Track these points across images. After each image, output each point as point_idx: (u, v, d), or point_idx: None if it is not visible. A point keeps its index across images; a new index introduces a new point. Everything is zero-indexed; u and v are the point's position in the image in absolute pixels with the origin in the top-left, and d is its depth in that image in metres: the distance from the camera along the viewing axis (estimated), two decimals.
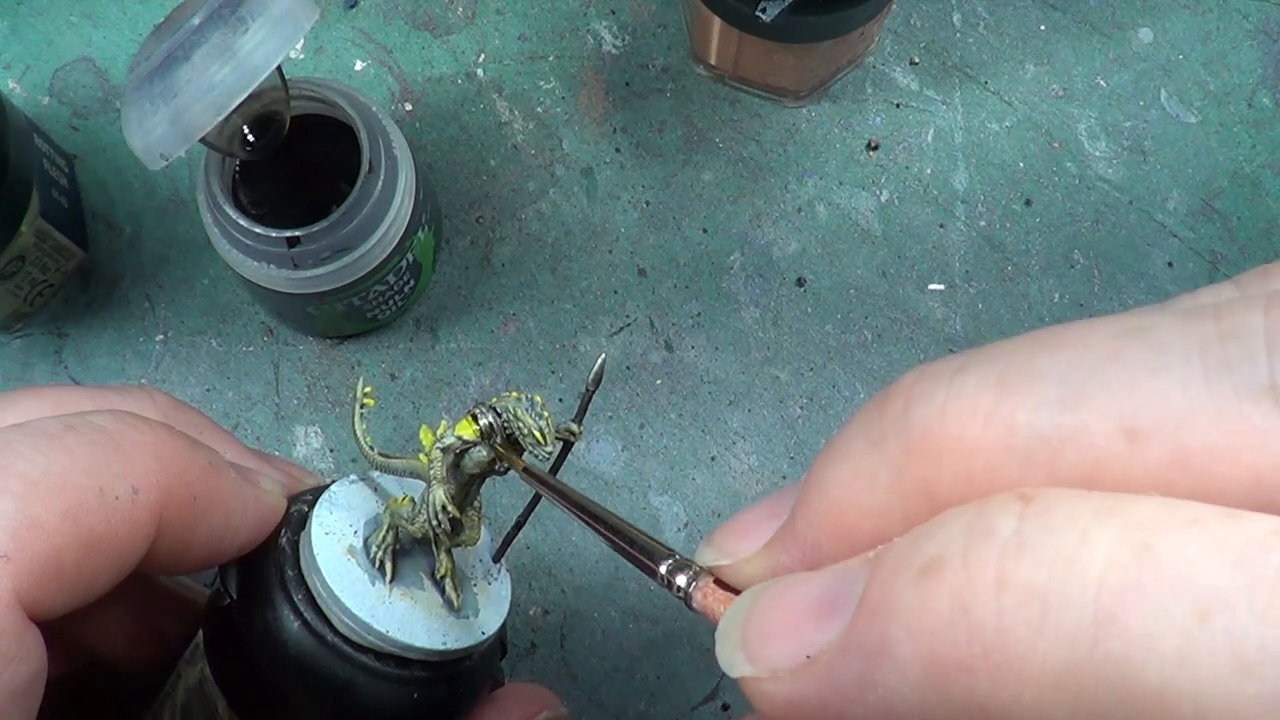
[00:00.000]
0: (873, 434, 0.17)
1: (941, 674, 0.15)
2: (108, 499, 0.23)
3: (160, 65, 0.32)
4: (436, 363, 0.45)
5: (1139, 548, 0.14)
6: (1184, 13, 0.49)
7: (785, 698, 0.17)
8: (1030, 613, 0.14)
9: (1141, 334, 0.16)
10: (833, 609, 0.17)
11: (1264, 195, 0.47)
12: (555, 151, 0.47)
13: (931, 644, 0.15)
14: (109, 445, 0.24)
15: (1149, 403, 0.15)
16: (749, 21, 0.40)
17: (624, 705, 0.43)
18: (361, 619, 0.26)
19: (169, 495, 0.25)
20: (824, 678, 0.16)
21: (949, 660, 0.15)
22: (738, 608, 0.18)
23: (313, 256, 0.38)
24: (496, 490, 0.44)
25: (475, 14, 0.48)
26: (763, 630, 0.18)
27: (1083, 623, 0.14)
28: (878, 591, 0.16)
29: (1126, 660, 0.14)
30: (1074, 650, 0.14)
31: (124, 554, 0.24)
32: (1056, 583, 0.14)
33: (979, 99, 0.48)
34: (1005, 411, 0.16)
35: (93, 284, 0.45)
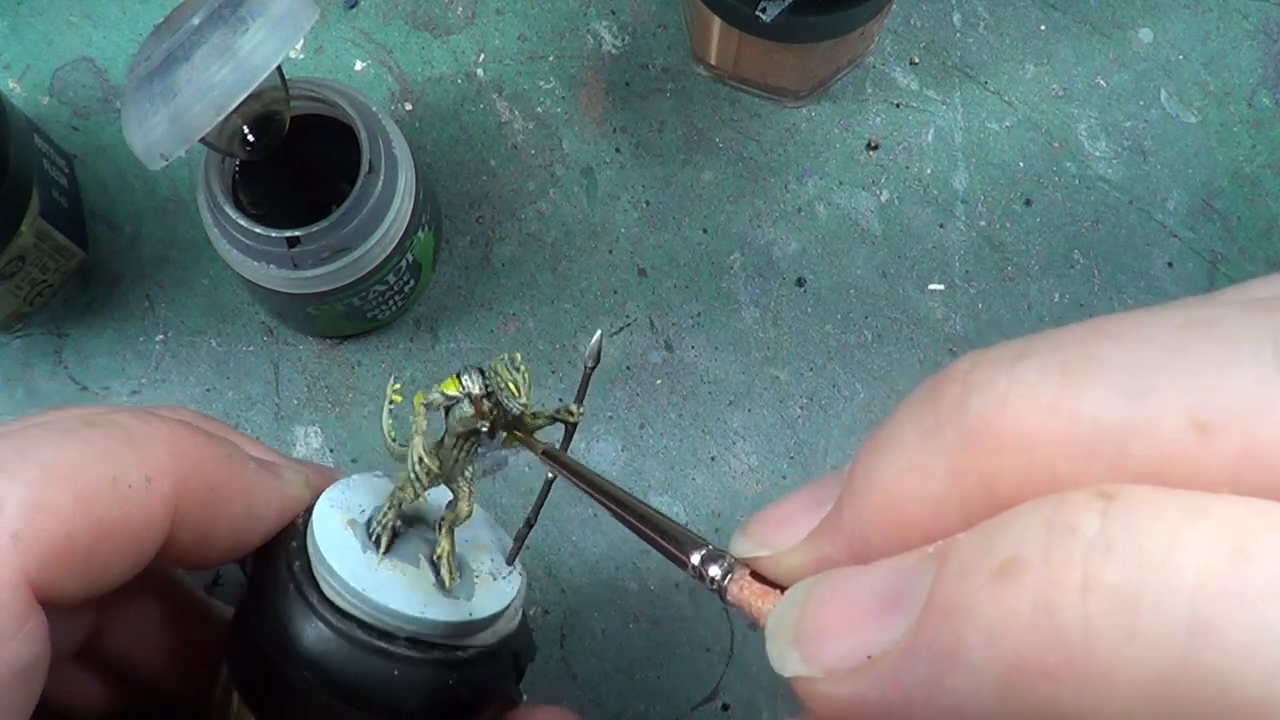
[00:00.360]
0: (927, 423, 0.17)
1: (1021, 680, 0.14)
2: (121, 487, 0.24)
3: (160, 65, 0.32)
4: (436, 363, 0.45)
5: (1234, 552, 0.13)
6: (1184, 13, 0.49)
7: (844, 699, 0.16)
8: (1120, 618, 0.14)
9: (1208, 325, 0.15)
10: (895, 606, 0.16)
11: (1264, 195, 0.47)
12: (555, 151, 0.47)
13: (1011, 648, 0.14)
14: (124, 437, 0.25)
15: (1219, 396, 0.15)
16: (749, 21, 0.40)
17: (624, 705, 0.43)
18: (342, 578, 0.27)
19: (184, 485, 0.25)
20: (889, 679, 0.16)
21: (1030, 666, 0.14)
22: (790, 602, 0.17)
23: (313, 256, 0.38)
24: (496, 490, 0.44)
25: (475, 14, 0.48)
26: (819, 627, 0.17)
27: (1176, 630, 0.13)
28: (948, 590, 0.15)
29: (1224, 671, 0.13)
30: (1167, 658, 0.13)
31: (138, 542, 0.24)
32: (1148, 587, 0.14)
33: (979, 99, 0.48)
34: (1069, 402, 0.15)
35: (93, 284, 0.45)
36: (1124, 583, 0.14)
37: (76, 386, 0.45)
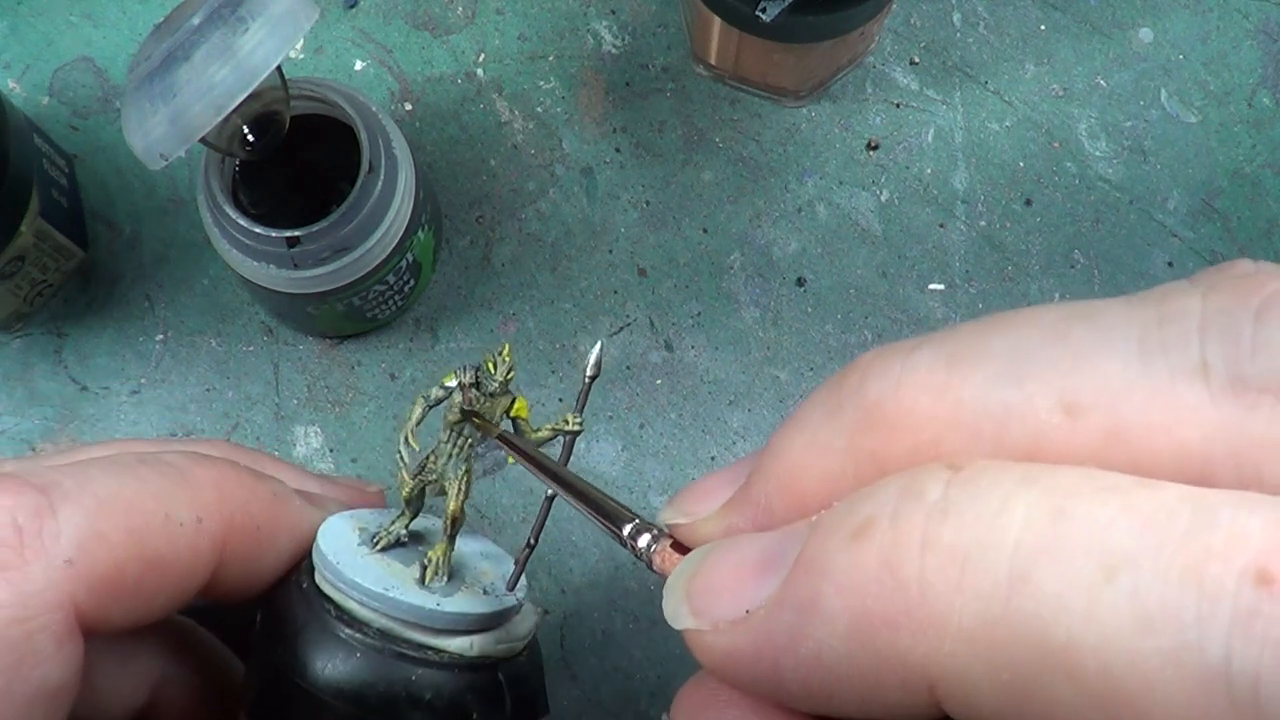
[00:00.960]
0: (830, 405, 0.18)
1: (867, 628, 0.16)
2: (172, 524, 0.25)
3: (160, 65, 0.32)
4: (436, 363, 0.45)
5: (1054, 512, 0.15)
6: (1184, 12, 0.49)
7: (724, 649, 0.18)
8: (951, 572, 0.15)
9: (1087, 317, 0.17)
10: (772, 567, 0.17)
11: (1264, 195, 0.47)
12: (555, 151, 0.47)
13: (859, 600, 0.16)
14: (177, 477, 0.26)
15: (1088, 380, 0.16)
16: (749, 21, 0.40)
17: (624, 705, 0.43)
18: (327, 556, 0.27)
19: (231, 525, 0.26)
20: (759, 630, 0.17)
21: (874, 615, 0.16)
22: (686, 564, 0.19)
23: (313, 256, 0.38)
24: (496, 490, 0.44)
25: (475, 14, 0.48)
26: (707, 586, 0.18)
27: (998, 581, 0.15)
28: (812, 551, 0.17)
29: (1037, 617, 0.14)
30: (989, 607, 0.15)
31: (184, 578, 0.26)
32: (976, 544, 0.15)
33: (979, 99, 0.48)
34: (954, 387, 0.17)
35: (93, 284, 0.45)
36: (957, 541, 0.15)
37: (76, 386, 0.45)
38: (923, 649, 0.15)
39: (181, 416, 0.44)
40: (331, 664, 0.26)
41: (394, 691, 0.26)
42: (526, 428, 0.29)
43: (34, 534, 0.23)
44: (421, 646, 0.27)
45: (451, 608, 0.27)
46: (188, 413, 0.44)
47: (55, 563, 0.23)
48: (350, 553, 0.28)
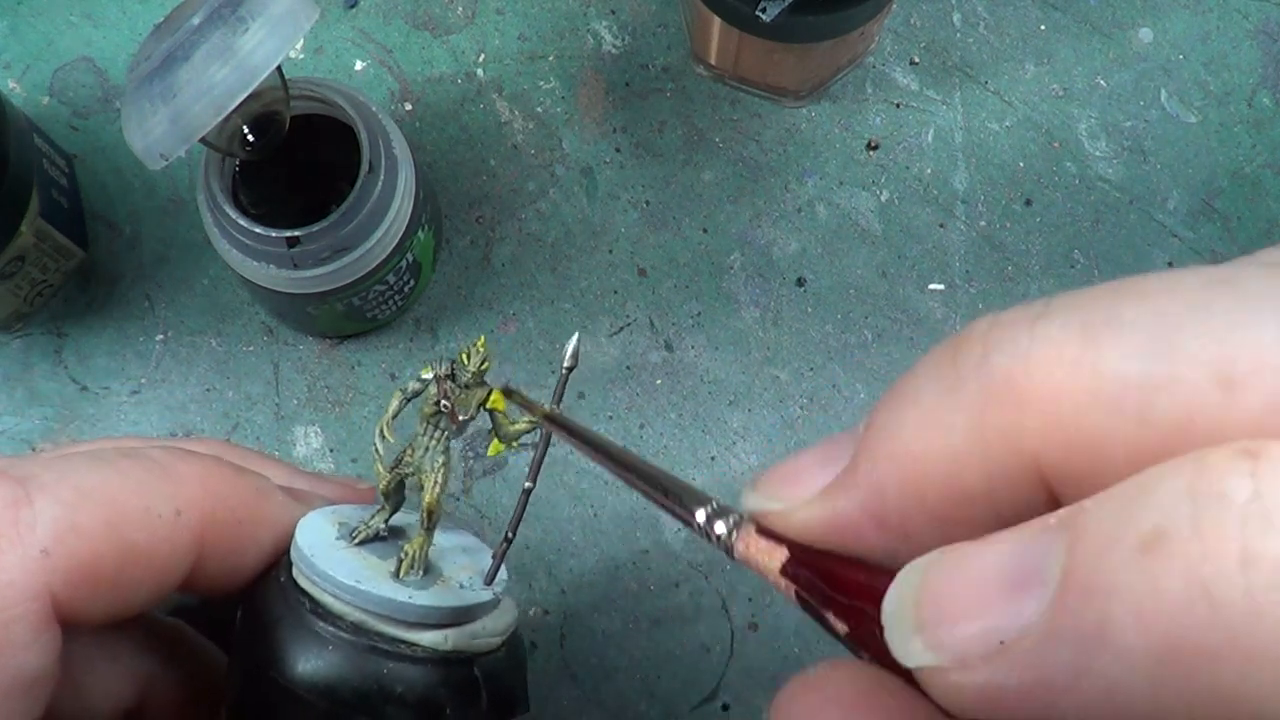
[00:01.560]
0: (947, 380, 0.17)
1: (1179, 663, 0.13)
2: (151, 516, 0.25)
3: (160, 65, 0.32)
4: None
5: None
6: (1184, 12, 0.49)
7: (979, 689, 0.15)
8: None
9: (1230, 285, 0.15)
10: (1026, 584, 0.15)
11: (1264, 195, 0.47)
12: (555, 151, 0.47)
13: (1166, 630, 0.13)
14: (158, 470, 0.26)
15: (1243, 351, 0.14)
16: (749, 21, 0.40)
17: (624, 705, 0.43)
18: (302, 550, 0.27)
19: (212, 519, 0.26)
20: (1028, 666, 0.15)
21: (1188, 648, 0.13)
22: (905, 585, 0.16)
23: (313, 256, 0.38)
24: (496, 490, 0.44)
25: (475, 14, 0.48)
26: (944, 611, 0.16)
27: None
28: (1087, 565, 0.14)
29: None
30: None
31: (164, 570, 0.25)
32: None
33: (979, 99, 0.48)
34: (1092, 358, 0.15)
35: (93, 284, 0.45)
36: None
37: (76, 386, 0.45)
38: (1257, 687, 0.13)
39: (181, 416, 0.44)
40: (305, 657, 0.26)
41: (366, 685, 0.26)
42: (503, 420, 0.28)
43: (10, 524, 0.23)
44: (394, 640, 0.26)
45: (424, 601, 0.27)
46: (188, 413, 0.44)
47: (31, 553, 0.23)
48: (328, 546, 0.28)
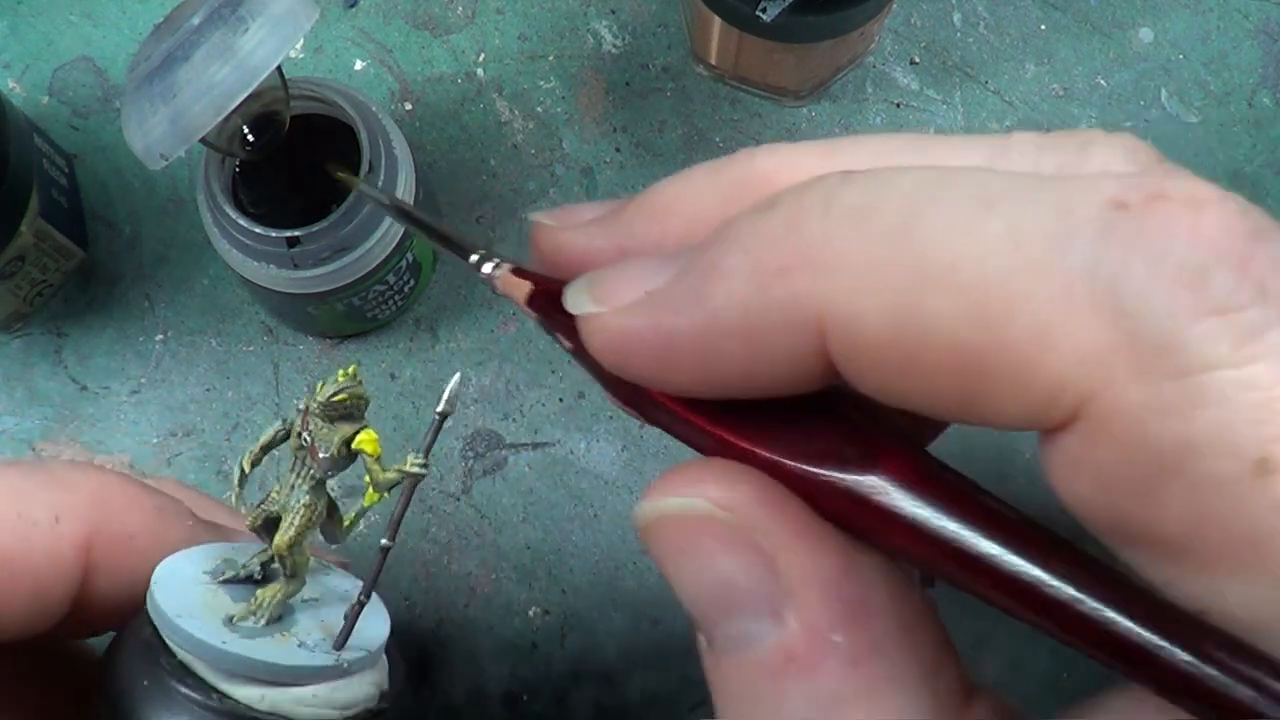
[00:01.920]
0: (714, 168, 0.21)
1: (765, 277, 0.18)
2: (24, 522, 0.23)
3: (160, 65, 0.32)
4: (436, 363, 0.45)
5: (938, 174, 0.17)
6: (1184, 12, 0.49)
7: (619, 326, 0.19)
8: (850, 222, 0.17)
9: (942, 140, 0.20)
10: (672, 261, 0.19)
11: (1264, 195, 0.47)
12: (555, 151, 0.47)
13: (760, 255, 0.18)
14: (40, 478, 0.25)
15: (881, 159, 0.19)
16: (749, 21, 0.40)
17: (624, 705, 0.43)
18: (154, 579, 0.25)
19: (98, 529, 0.25)
20: (657, 302, 0.19)
21: (774, 265, 0.18)
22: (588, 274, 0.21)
23: (313, 256, 0.38)
24: (495, 490, 0.44)
25: (475, 14, 0.48)
26: (614, 281, 0.20)
27: (891, 223, 0.17)
28: (719, 230, 0.19)
29: (924, 244, 0.17)
30: (882, 243, 0.17)
31: (40, 582, 0.24)
32: (873, 199, 0.17)
33: (979, 99, 0.48)
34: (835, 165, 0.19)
35: (92, 284, 0.45)
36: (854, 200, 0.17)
37: (76, 386, 0.45)
38: (817, 286, 0.17)
39: (181, 416, 0.44)
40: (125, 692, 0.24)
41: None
42: (373, 465, 0.25)
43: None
44: (208, 687, 0.24)
45: (237, 649, 0.24)
46: (188, 413, 0.44)
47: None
48: (185, 580, 0.25)
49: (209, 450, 0.44)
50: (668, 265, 0.19)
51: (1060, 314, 0.16)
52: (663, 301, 0.19)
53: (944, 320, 0.16)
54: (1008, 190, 0.17)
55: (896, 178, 0.17)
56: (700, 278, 0.18)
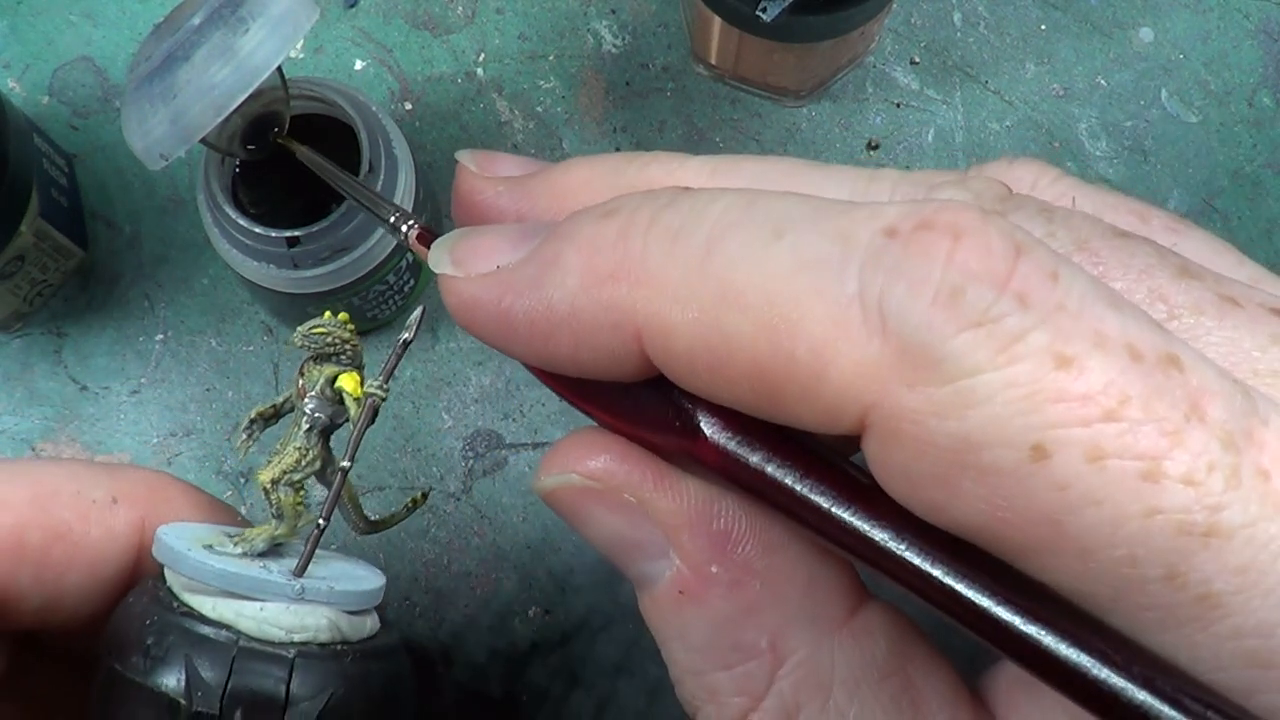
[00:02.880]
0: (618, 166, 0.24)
1: (595, 279, 0.20)
2: (83, 499, 0.25)
3: (160, 65, 0.32)
4: (436, 363, 0.45)
5: (746, 202, 0.19)
6: (1185, 12, 0.49)
7: (470, 292, 0.22)
8: (665, 242, 0.19)
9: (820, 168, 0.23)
10: (528, 239, 0.22)
11: (1265, 195, 0.47)
12: (555, 151, 0.47)
13: (593, 259, 0.20)
14: (98, 466, 0.26)
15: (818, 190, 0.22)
16: (749, 21, 0.40)
17: (624, 705, 0.43)
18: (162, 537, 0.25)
19: (152, 514, 0.26)
20: (504, 279, 0.21)
21: (603, 270, 0.20)
22: (458, 231, 0.23)
23: (313, 256, 0.38)
24: (496, 489, 0.44)
25: (475, 13, 0.48)
26: (471, 245, 0.22)
27: (697, 246, 0.19)
28: (565, 224, 0.21)
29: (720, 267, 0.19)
30: (689, 264, 0.19)
31: (98, 556, 0.25)
32: (687, 223, 0.19)
33: (979, 98, 0.48)
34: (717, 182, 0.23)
35: (92, 284, 0.45)
36: (673, 222, 0.19)
37: (76, 386, 0.45)
38: (635, 297, 0.19)
39: (181, 416, 0.44)
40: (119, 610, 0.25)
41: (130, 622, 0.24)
42: (350, 403, 0.27)
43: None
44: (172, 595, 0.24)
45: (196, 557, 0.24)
46: (187, 412, 0.44)
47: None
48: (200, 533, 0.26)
49: (209, 450, 0.44)
50: (522, 243, 0.21)
51: (836, 333, 0.18)
52: (507, 281, 0.21)
53: (739, 338, 0.18)
54: (801, 218, 0.19)
55: (712, 202, 0.20)
56: (540, 267, 0.21)
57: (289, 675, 0.24)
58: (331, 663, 0.25)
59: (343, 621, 0.25)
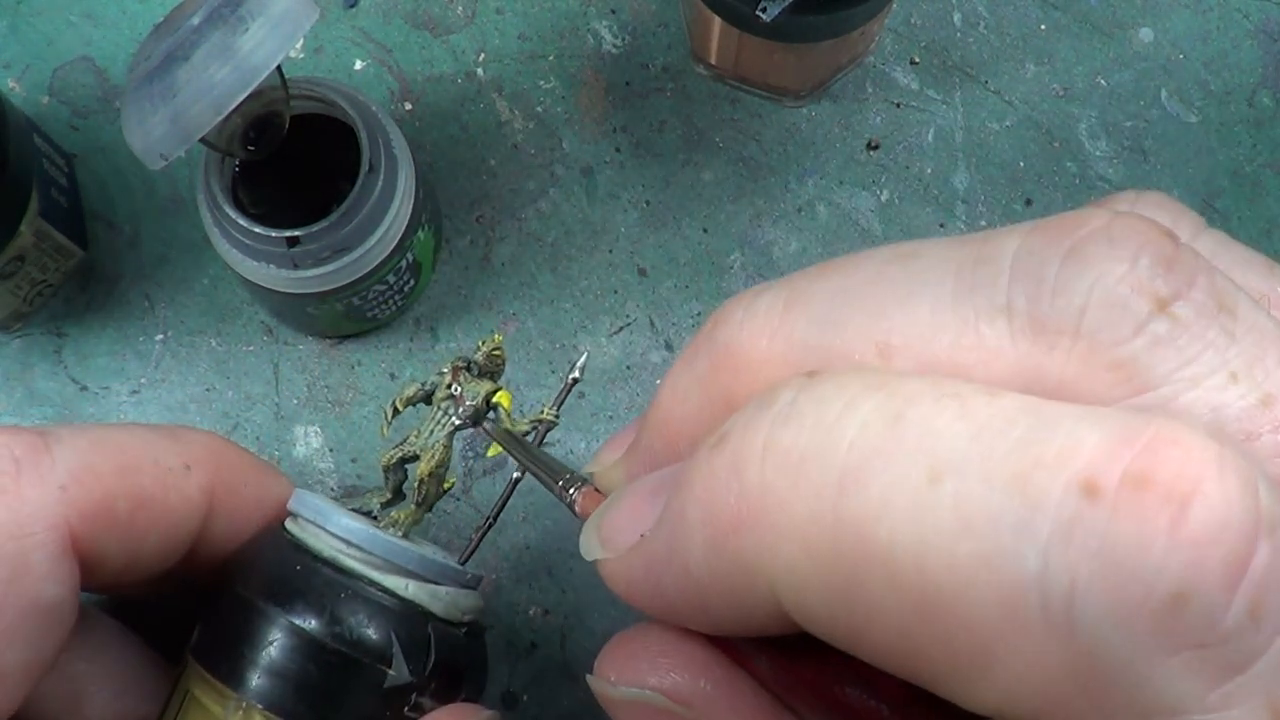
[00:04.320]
0: (689, 354, 0.20)
1: (718, 535, 0.16)
2: (161, 467, 0.27)
3: (160, 65, 0.32)
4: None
5: (892, 417, 0.15)
6: (1185, 12, 0.49)
7: (622, 573, 0.19)
8: (788, 474, 0.15)
9: (906, 260, 0.17)
10: (660, 493, 0.18)
11: (1264, 195, 0.47)
12: (555, 151, 0.47)
13: (711, 507, 0.16)
14: (168, 433, 0.28)
15: (899, 323, 0.17)
16: (749, 21, 0.40)
17: None
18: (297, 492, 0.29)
19: (219, 478, 0.28)
20: (646, 551, 0.18)
21: (723, 520, 0.16)
22: (601, 505, 0.21)
23: (313, 256, 0.38)
24: (496, 489, 0.44)
25: (475, 13, 0.48)
26: (614, 521, 0.19)
27: (829, 483, 0.15)
28: (684, 469, 0.18)
29: (862, 519, 0.15)
30: (820, 508, 0.15)
31: (174, 522, 0.27)
32: (813, 447, 0.15)
33: (979, 98, 0.48)
34: (785, 330, 0.18)
35: (92, 284, 0.45)
36: (795, 444, 0.16)
37: (76, 386, 0.45)
38: (762, 551, 0.16)
39: (181, 416, 0.44)
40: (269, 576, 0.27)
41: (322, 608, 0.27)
42: (506, 417, 0.30)
43: (31, 464, 0.25)
44: (359, 576, 0.27)
45: (393, 539, 0.28)
46: (188, 413, 0.44)
47: (50, 489, 0.25)
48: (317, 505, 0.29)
49: None
50: (656, 499, 0.18)
51: (1008, 626, 0.14)
52: (650, 553, 0.18)
53: (883, 608, 0.15)
54: (962, 457, 0.14)
55: (845, 412, 0.15)
56: (670, 530, 0.18)
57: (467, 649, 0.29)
58: (482, 638, 0.30)
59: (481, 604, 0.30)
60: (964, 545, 0.14)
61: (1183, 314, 0.15)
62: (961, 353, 0.16)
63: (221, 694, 0.26)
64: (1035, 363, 0.16)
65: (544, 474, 0.26)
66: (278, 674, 0.26)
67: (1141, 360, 0.15)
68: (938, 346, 0.16)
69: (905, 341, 0.17)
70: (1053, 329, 0.16)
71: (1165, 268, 0.16)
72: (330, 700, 0.26)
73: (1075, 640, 0.13)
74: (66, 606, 0.25)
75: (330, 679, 0.26)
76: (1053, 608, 0.13)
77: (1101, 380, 0.15)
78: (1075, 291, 0.16)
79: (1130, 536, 0.13)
